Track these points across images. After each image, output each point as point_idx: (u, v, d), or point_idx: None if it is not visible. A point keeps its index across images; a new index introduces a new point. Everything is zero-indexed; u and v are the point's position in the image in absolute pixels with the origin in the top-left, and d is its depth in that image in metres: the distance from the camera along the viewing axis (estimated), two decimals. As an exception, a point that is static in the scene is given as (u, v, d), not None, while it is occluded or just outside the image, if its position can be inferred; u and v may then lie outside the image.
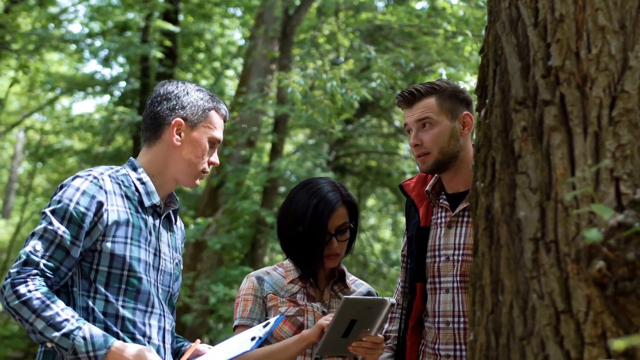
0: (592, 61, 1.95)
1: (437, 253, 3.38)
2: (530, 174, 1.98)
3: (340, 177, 16.06)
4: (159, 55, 14.96)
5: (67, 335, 2.66)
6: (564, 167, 1.92)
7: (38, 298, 2.69)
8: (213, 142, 3.10)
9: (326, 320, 3.17)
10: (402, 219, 15.18)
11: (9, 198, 22.63)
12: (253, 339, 2.93)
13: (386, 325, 3.60)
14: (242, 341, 2.98)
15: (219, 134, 3.11)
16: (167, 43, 15.54)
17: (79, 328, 2.67)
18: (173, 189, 3.13)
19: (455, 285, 3.30)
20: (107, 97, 18.36)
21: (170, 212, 3.15)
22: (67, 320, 2.69)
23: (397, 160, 17.18)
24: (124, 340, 2.83)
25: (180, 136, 3.03)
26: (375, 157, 17.24)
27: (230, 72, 19.03)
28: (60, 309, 2.70)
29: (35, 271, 2.73)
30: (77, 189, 2.88)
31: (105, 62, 16.96)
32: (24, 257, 2.77)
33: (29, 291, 2.70)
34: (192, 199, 15.40)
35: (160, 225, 3.07)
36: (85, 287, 2.86)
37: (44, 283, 2.75)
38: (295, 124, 15.44)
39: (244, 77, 13.77)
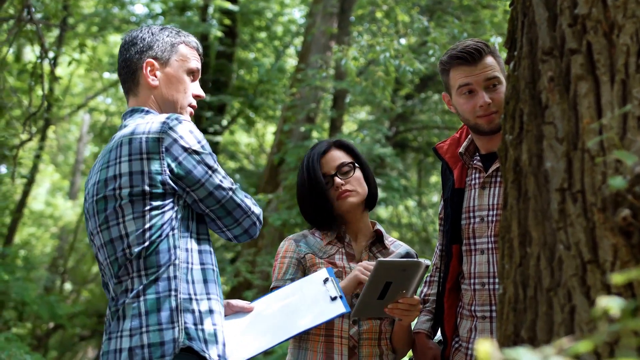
0: (619, 8, 1.92)
1: (471, 214, 3.35)
2: (557, 124, 1.96)
3: (400, 153, 15.98)
4: (219, 34, 15.05)
5: None
6: (591, 116, 1.90)
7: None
8: (192, 73, 3.11)
9: (361, 272, 3.19)
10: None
11: (75, 179, 22.98)
12: (334, 298, 2.99)
13: (425, 289, 3.60)
14: (313, 304, 3.01)
15: (194, 64, 3.12)
16: (227, 21, 15.60)
17: None
18: None
19: (490, 246, 3.27)
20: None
21: None
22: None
23: (458, 136, 16.93)
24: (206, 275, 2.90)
25: (155, 76, 3.04)
26: (437, 133, 17.08)
27: (291, 51, 19.03)
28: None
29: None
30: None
31: (167, 42, 17.05)
32: (231, 186, 2.91)
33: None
34: (254, 176, 15.49)
35: None
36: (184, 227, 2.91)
37: None
38: (356, 102, 15.40)
39: (303, 54, 13.78)
